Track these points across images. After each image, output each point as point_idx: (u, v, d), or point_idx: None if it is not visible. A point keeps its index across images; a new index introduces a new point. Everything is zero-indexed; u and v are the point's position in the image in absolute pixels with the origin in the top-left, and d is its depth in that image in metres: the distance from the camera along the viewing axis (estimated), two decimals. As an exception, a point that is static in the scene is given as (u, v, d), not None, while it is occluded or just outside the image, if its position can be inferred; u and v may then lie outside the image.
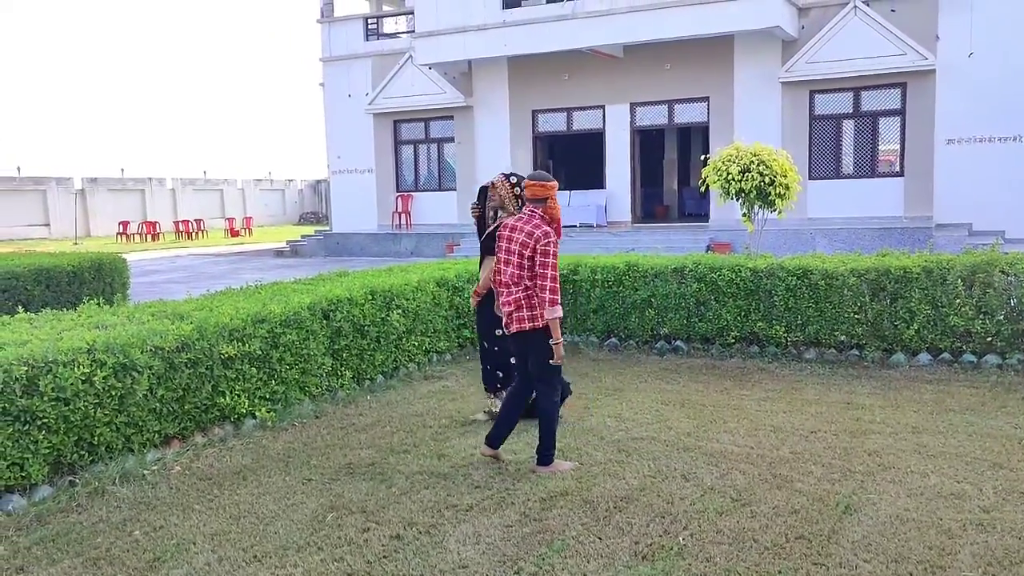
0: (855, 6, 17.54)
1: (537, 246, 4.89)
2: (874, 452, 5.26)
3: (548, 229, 4.94)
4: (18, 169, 37.22)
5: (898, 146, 18.18)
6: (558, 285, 4.91)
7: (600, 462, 5.19)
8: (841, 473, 4.91)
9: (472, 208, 6.23)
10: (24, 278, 10.51)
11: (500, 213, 5.97)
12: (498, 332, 6.00)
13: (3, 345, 4.91)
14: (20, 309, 6.66)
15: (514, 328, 5.02)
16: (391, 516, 4.43)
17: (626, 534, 4.15)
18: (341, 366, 6.94)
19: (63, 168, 68.91)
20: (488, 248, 5.97)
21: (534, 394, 5.17)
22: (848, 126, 18.60)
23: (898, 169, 18.21)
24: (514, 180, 5.91)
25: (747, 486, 4.73)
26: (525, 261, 4.93)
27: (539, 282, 4.89)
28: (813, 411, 6.25)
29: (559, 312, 4.89)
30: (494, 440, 5.19)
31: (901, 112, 17.92)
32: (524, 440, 5.66)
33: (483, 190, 6.15)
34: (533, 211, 5.02)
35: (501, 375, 6.27)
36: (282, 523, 4.39)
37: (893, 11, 17.50)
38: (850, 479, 4.80)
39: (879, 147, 18.49)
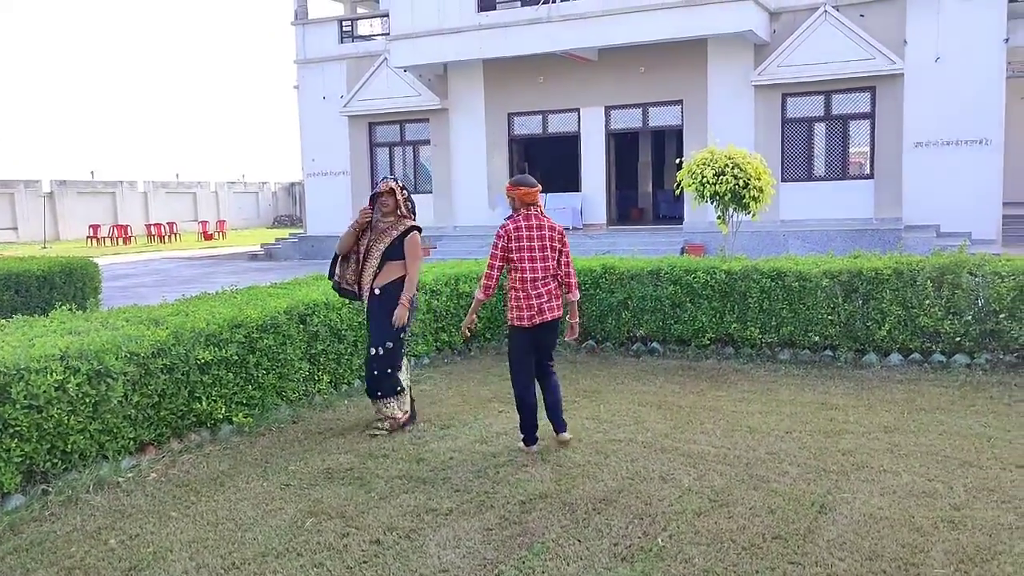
0: (825, 11, 17.75)
1: (564, 238, 5.61)
2: (848, 452, 5.33)
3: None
4: (-15, 172, 36.65)
5: (868, 149, 18.41)
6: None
7: (579, 464, 5.22)
8: (816, 473, 4.97)
9: (363, 212, 6.13)
10: (-7, 283, 10.35)
11: (381, 220, 6.08)
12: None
13: (-26, 352, 4.84)
14: (-10, 315, 6.58)
15: (551, 316, 5.51)
16: (371, 521, 4.43)
17: (605, 536, 4.18)
18: (318, 371, 6.91)
19: (31, 170, 67.92)
20: (386, 251, 6.00)
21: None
22: (819, 129, 18.82)
23: (868, 171, 18.44)
24: (407, 192, 6.16)
25: (724, 487, 4.78)
26: (554, 254, 5.56)
27: (567, 270, 5.58)
28: (788, 411, 6.32)
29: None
30: (561, 425, 5.66)
31: (871, 115, 18.16)
32: (503, 443, 5.68)
33: (375, 196, 6.12)
34: (537, 214, 5.61)
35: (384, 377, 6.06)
36: (261, 529, 4.37)
37: (862, 16, 17.74)
38: (825, 479, 4.87)
39: (849, 150, 18.72)
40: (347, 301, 7.00)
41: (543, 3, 18.99)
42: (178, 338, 5.64)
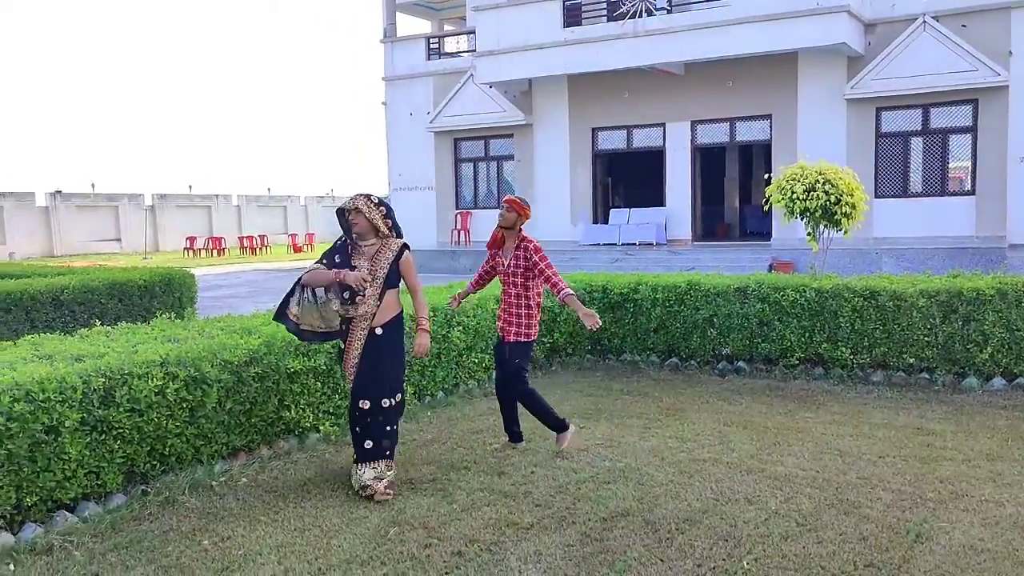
0: (924, 21, 17.19)
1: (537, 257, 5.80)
2: (946, 479, 5.11)
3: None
4: (92, 186, 38.60)
5: (969, 164, 17.70)
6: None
7: (661, 483, 5.15)
8: (911, 500, 4.78)
9: (360, 278, 5.01)
10: (99, 292, 10.88)
11: (360, 243, 5.15)
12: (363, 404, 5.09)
13: (82, 357, 5.09)
14: (95, 322, 6.90)
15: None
16: (452, 532, 4.46)
17: (688, 556, 4.11)
18: (403, 382, 7.00)
19: (134, 185, 71.24)
20: (386, 279, 5.09)
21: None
22: (916, 143, 18.20)
23: (969, 187, 17.72)
24: (385, 207, 5.17)
25: (813, 511, 4.64)
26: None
27: (554, 279, 5.70)
28: (881, 435, 6.10)
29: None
30: (559, 425, 5.93)
31: (972, 129, 17.47)
32: (584, 459, 5.65)
33: (341, 212, 5.20)
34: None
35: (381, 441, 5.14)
36: (346, 537, 4.45)
37: (964, 26, 17.10)
38: (921, 506, 4.68)
39: (949, 165, 18.03)
40: (432, 312, 7.07)
41: (629, 18, 18.95)
42: (270, 347, 5.81)
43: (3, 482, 4.32)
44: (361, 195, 5.15)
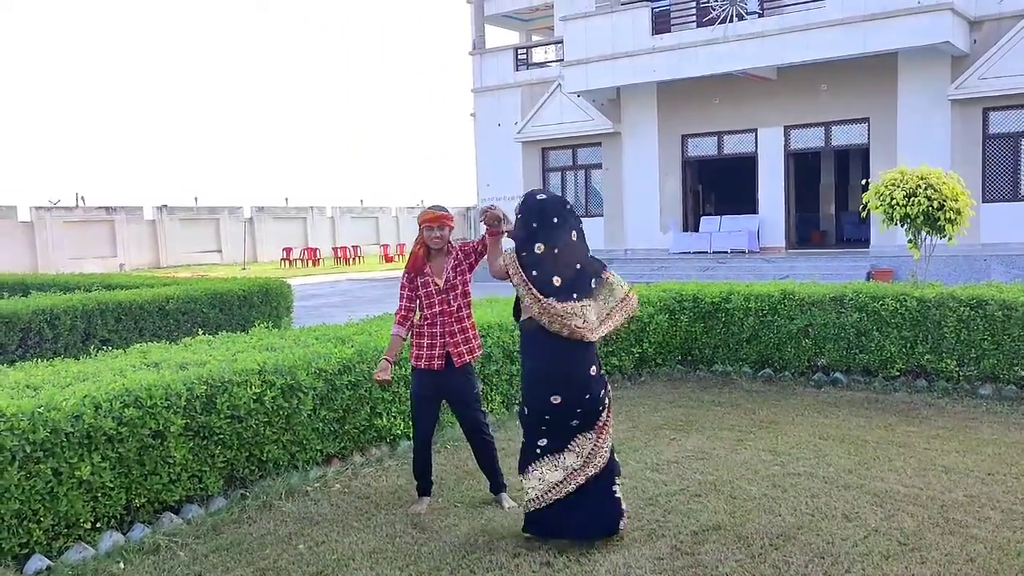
0: (1034, 16, 16.36)
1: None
2: (1062, 499, 4.83)
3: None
4: (195, 199, 40.29)
5: (1085, 165, 16.74)
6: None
7: (754, 497, 5.03)
8: (1022, 520, 4.53)
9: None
10: (201, 302, 11.35)
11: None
12: (555, 400, 4.46)
13: (186, 365, 5.32)
14: (198, 331, 7.20)
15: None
16: (541, 543, 4.45)
17: (783, 573, 4.00)
18: (491, 390, 7.06)
19: (234, 198, 74.06)
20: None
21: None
22: (1027, 145, 17.31)
23: (1085, 190, 16.75)
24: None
25: (916, 530, 4.45)
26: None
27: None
28: (990, 451, 5.81)
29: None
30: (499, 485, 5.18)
31: (1088, 128, 16.51)
32: (674, 471, 5.57)
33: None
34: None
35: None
36: (436, 544, 4.50)
37: (1078, 20, 16.20)
38: (1034, 528, 4.43)
39: (1062, 166, 17.08)
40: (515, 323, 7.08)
41: (719, 23, 18.66)
42: (362, 356, 5.94)
43: (114, 484, 4.54)
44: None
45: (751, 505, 4.90)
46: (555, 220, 4.53)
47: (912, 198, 8.89)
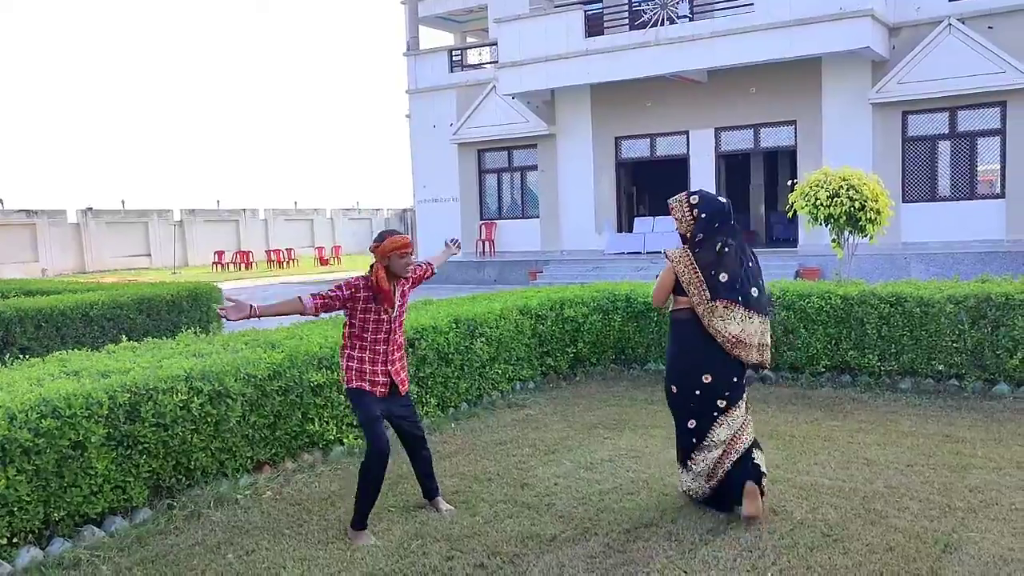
0: (950, 24, 17.00)
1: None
2: (976, 488, 5.03)
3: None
4: (123, 202, 39.19)
5: (998, 167, 17.45)
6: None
7: (684, 494, 5.11)
8: (940, 509, 4.71)
9: None
10: (127, 307, 11.02)
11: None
12: (706, 379, 4.79)
13: (109, 373, 5.16)
14: (123, 337, 7.00)
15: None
16: (475, 545, 4.45)
17: (712, 568, 4.07)
18: (426, 394, 7.03)
19: (163, 201, 72.15)
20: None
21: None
22: (944, 147, 17.98)
23: (998, 191, 17.47)
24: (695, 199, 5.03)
25: (839, 521, 4.58)
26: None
27: (424, 269, 5.18)
28: (909, 444, 6.02)
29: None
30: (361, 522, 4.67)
31: (1001, 132, 17.22)
32: (608, 470, 5.62)
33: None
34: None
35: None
36: (369, 550, 4.46)
37: (990, 28, 16.89)
38: (950, 516, 4.60)
39: (977, 168, 17.79)
40: (455, 324, 7.07)
41: (651, 27, 18.93)
42: (293, 361, 5.85)
43: (31, 497, 4.38)
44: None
45: (682, 502, 4.98)
46: (733, 223, 5.03)
47: (835, 199, 9.16)
